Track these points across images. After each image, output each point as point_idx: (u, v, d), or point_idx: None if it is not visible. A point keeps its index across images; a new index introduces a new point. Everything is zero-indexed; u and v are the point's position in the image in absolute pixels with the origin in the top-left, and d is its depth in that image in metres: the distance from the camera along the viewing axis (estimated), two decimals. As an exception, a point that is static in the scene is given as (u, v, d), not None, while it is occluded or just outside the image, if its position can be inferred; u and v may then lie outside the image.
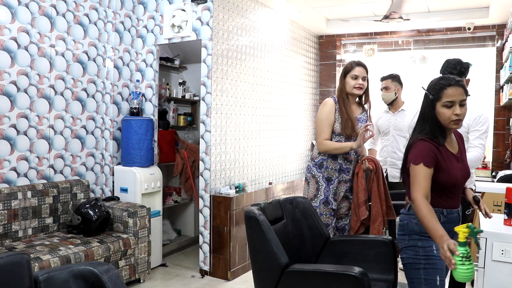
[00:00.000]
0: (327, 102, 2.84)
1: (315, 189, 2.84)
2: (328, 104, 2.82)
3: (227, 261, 3.66)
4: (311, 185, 2.86)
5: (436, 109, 1.84)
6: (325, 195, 2.81)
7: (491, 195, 3.12)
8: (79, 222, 3.25)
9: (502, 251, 1.91)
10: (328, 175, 2.82)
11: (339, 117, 2.79)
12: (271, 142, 4.70)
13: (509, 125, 4.62)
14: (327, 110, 2.80)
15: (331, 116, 2.79)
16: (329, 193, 2.81)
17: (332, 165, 2.82)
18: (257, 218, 2.05)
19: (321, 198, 2.82)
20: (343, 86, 2.83)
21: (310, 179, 2.87)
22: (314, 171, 2.85)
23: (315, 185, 2.84)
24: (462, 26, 4.99)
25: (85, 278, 1.61)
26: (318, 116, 2.86)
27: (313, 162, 2.87)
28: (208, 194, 3.72)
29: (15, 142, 3.24)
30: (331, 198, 2.81)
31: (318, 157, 2.85)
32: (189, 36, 3.80)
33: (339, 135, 2.80)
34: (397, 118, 3.67)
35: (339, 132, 2.79)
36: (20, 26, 3.24)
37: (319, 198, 2.82)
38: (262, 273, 2.11)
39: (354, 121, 2.79)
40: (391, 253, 2.29)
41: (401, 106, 3.70)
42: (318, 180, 2.83)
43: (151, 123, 3.88)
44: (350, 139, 2.79)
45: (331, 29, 5.49)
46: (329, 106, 2.81)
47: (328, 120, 2.79)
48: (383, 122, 3.72)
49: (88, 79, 3.80)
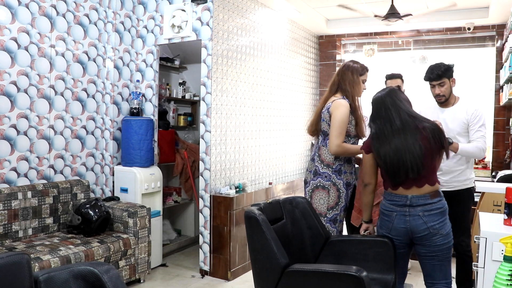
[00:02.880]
0: (344, 104, 2.66)
1: (336, 197, 2.70)
2: (346, 106, 2.65)
3: (227, 261, 3.67)
4: (331, 193, 2.70)
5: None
6: (346, 201, 2.73)
7: (491, 195, 3.12)
8: (79, 222, 3.26)
9: (502, 251, 1.91)
10: (347, 180, 2.73)
11: (353, 118, 2.71)
12: (271, 142, 4.70)
13: (509, 125, 4.62)
14: (346, 112, 2.64)
15: (347, 119, 2.66)
16: (348, 198, 2.75)
17: (349, 169, 2.75)
18: (257, 218, 2.05)
19: (342, 205, 2.72)
20: (358, 86, 2.73)
21: (330, 187, 2.70)
22: (334, 178, 2.70)
23: (337, 193, 2.70)
24: (462, 26, 4.99)
25: (85, 278, 1.61)
26: (338, 118, 2.63)
27: (331, 169, 2.70)
28: (208, 194, 3.72)
29: (15, 142, 3.24)
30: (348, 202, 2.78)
31: (335, 163, 2.70)
32: (189, 36, 3.81)
33: (354, 137, 2.73)
34: None
35: (354, 134, 2.73)
36: (20, 26, 3.24)
37: (340, 205, 2.72)
38: (262, 273, 2.11)
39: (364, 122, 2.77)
40: (391, 253, 2.28)
41: None
42: (339, 187, 2.71)
43: (151, 123, 3.88)
44: (359, 140, 2.77)
45: (331, 29, 5.49)
46: (347, 108, 2.65)
47: (345, 123, 2.64)
48: None
49: (88, 79, 3.80)
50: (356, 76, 2.73)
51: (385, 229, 2.25)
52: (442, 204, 2.16)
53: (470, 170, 2.93)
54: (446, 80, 2.83)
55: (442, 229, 2.12)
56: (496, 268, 1.56)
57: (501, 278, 1.46)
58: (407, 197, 2.14)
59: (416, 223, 2.12)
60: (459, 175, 2.88)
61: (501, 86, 4.59)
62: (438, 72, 2.81)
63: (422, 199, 2.12)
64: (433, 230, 2.10)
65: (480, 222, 2.16)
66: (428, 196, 2.13)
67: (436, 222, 2.11)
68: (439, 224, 2.11)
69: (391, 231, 2.21)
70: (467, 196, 2.91)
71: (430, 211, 2.11)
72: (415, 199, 2.13)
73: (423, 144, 2.11)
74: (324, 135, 2.75)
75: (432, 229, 2.10)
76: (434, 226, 2.11)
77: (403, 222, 2.15)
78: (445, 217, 2.16)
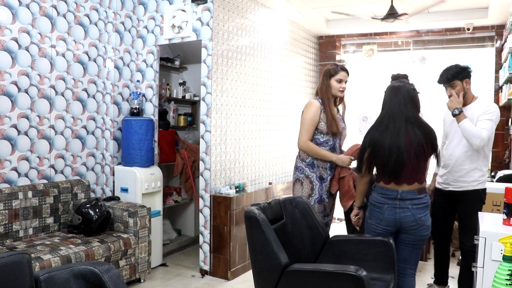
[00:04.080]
0: (313, 103, 2.92)
1: (309, 188, 2.93)
2: (314, 106, 2.91)
3: (227, 261, 3.67)
4: (305, 186, 2.94)
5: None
6: (319, 193, 2.93)
7: (490, 195, 3.12)
8: (80, 222, 3.26)
9: (501, 251, 1.92)
10: (321, 174, 2.94)
11: (325, 117, 2.91)
12: (271, 142, 4.70)
13: (508, 125, 4.62)
14: (314, 111, 2.90)
15: (317, 118, 2.90)
16: (323, 191, 2.93)
17: (323, 164, 2.94)
18: (257, 218, 2.06)
19: (316, 197, 2.93)
20: (328, 87, 2.94)
21: (303, 179, 2.95)
22: (307, 171, 2.94)
23: (309, 185, 2.93)
24: (462, 26, 5.00)
25: (85, 277, 1.62)
26: (304, 116, 2.93)
27: (305, 163, 2.96)
28: (208, 194, 3.73)
29: (16, 142, 3.25)
30: (324, 195, 2.94)
31: (308, 158, 2.95)
32: (189, 37, 3.81)
33: (326, 134, 2.93)
34: None
35: (326, 131, 2.92)
36: (21, 27, 3.25)
37: (313, 197, 2.93)
38: (262, 272, 2.12)
39: (337, 120, 2.95)
40: (391, 253, 2.30)
41: None
42: (312, 180, 2.93)
43: (151, 123, 3.89)
44: (336, 136, 2.94)
45: (331, 29, 5.49)
46: (315, 107, 2.90)
47: (313, 121, 2.89)
48: None
49: (89, 79, 3.81)
50: (327, 79, 2.95)
51: (374, 220, 2.43)
52: (427, 199, 2.39)
53: (478, 171, 2.87)
54: (457, 82, 2.88)
55: (427, 221, 2.36)
56: (495, 268, 1.56)
57: (500, 278, 1.47)
58: (398, 192, 2.33)
59: (405, 215, 2.33)
60: (465, 175, 2.87)
61: (501, 87, 4.60)
62: (448, 76, 2.90)
63: (411, 194, 2.33)
64: (420, 221, 2.33)
65: (480, 222, 2.17)
66: (416, 191, 2.33)
67: (422, 215, 2.34)
68: (424, 217, 2.35)
69: (381, 222, 2.39)
70: (473, 197, 2.87)
71: (417, 204, 2.33)
72: (405, 193, 2.33)
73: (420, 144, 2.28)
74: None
75: (419, 221, 2.33)
76: (421, 218, 2.33)
77: (393, 213, 2.35)
78: (428, 210, 2.39)
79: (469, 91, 2.93)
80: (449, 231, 3.11)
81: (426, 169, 2.44)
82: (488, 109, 2.81)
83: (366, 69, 5.71)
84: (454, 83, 2.88)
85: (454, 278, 3.62)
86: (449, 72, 2.90)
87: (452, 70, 2.89)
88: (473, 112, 2.85)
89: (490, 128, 2.77)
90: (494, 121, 2.79)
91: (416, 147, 2.27)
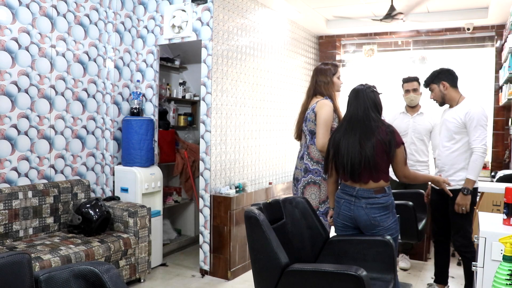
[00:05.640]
0: (327, 103, 2.84)
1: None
2: (329, 106, 2.83)
3: (227, 261, 3.67)
4: (322, 188, 2.85)
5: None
6: None
7: (490, 195, 3.12)
8: (80, 222, 3.26)
9: (501, 251, 1.92)
10: None
11: (336, 116, 2.88)
12: (271, 142, 4.70)
13: (508, 125, 4.62)
14: (330, 111, 2.82)
15: (332, 117, 2.83)
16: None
17: None
18: (257, 218, 2.06)
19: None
20: (332, 86, 2.93)
21: (321, 182, 2.86)
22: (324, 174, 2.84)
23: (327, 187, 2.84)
24: (462, 26, 5.00)
25: (85, 277, 1.62)
26: (323, 116, 2.81)
27: (321, 165, 2.85)
28: (208, 194, 3.73)
29: (16, 142, 3.25)
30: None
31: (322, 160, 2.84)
32: (189, 37, 3.81)
33: None
34: (416, 121, 3.74)
35: None
36: (21, 27, 3.25)
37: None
38: (262, 272, 2.12)
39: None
40: (391, 253, 2.29)
41: (419, 109, 3.75)
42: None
43: (151, 123, 3.89)
44: None
45: (331, 29, 5.49)
46: (330, 107, 2.83)
47: (330, 121, 2.82)
48: (400, 123, 3.75)
49: (89, 79, 3.81)
50: (330, 77, 2.93)
51: (336, 214, 2.52)
52: (385, 200, 2.37)
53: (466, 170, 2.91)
54: (433, 86, 3.02)
55: (384, 222, 2.36)
56: (495, 268, 1.56)
57: (500, 277, 1.47)
58: (355, 189, 2.39)
59: (359, 213, 2.37)
60: (453, 175, 2.95)
61: (501, 86, 4.60)
62: (425, 81, 3.07)
63: (367, 192, 2.36)
64: (374, 221, 2.35)
65: (480, 222, 2.17)
66: (372, 191, 2.35)
67: (378, 215, 2.34)
68: (380, 217, 2.35)
69: (339, 216, 2.48)
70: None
71: (372, 204, 2.35)
72: (361, 192, 2.37)
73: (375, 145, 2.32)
74: (312, 134, 2.90)
75: (374, 221, 2.35)
76: (376, 218, 2.35)
77: (348, 209, 2.42)
78: (387, 211, 2.38)
79: (451, 93, 2.98)
80: (447, 229, 3.13)
81: (384, 169, 2.39)
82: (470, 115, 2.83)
83: (366, 69, 5.71)
84: (431, 87, 3.04)
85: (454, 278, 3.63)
86: (427, 77, 3.05)
87: (430, 75, 3.03)
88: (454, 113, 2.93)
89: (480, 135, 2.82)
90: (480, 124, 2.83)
91: (371, 147, 2.32)
